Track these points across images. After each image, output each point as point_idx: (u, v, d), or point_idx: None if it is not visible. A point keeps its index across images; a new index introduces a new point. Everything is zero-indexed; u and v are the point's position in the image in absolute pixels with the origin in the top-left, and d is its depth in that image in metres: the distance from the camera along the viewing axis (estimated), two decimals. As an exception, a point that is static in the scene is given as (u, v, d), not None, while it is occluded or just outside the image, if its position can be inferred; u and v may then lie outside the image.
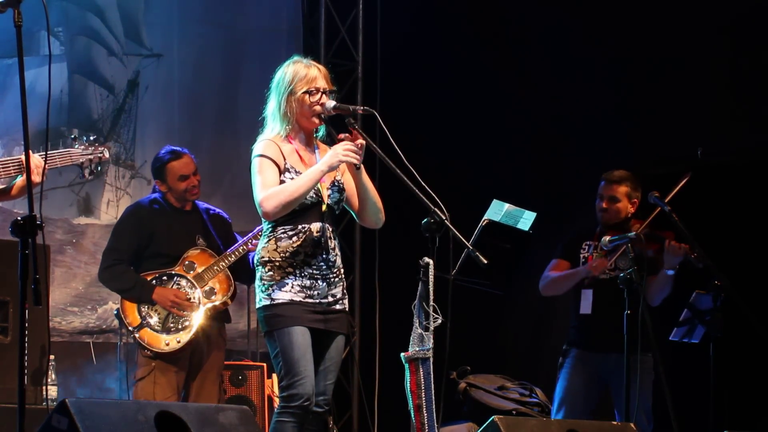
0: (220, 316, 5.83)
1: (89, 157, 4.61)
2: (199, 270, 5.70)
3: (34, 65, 6.90)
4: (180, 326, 5.62)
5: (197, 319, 5.64)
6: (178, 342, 5.60)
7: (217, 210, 5.98)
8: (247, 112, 7.35)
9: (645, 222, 5.66)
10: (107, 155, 4.68)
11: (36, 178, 4.29)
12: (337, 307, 4.44)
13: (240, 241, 5.79)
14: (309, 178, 4.30)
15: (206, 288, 5.69)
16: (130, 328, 5.64)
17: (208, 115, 7.94)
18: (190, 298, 5.65)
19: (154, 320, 5.62)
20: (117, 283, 5.73)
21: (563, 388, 5.82)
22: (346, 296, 4.51)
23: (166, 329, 5.61)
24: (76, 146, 4.58)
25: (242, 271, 5.82)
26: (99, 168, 4.66)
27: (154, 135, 7.74)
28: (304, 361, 4.28)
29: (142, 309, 5.64)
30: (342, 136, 4.35)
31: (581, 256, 5.84)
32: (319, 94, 4.41)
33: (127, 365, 6.12)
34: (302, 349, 4.29)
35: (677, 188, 5.64)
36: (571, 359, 5.81)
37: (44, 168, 4.04)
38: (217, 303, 5.70)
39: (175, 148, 5.86)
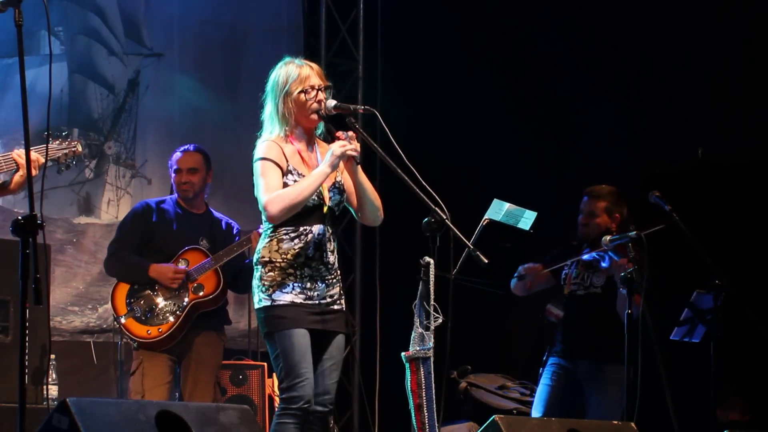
0: (218, 318, 5.87)
1: (64, 151, 4.68)
2: (191, 267, 5.74)
3: (34, 65, 6.91)
4: (163, 317, 5.67)
5: (181, 311, 5.68)
6: (160, 331, 5.66)
7: (231, 221, 6.03)
8: (248, 111, 7.33)
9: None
10: (80, 149, 4.74)
11: (32, 171, 4.35)
12: (335, 307, 4.44)
13: (234, 243, 5.83)
14: (313, 180, 4.31)
15: (195, 284, 5.73)
16: (115, 315, 5.73)
17: (209, 115, 7.94)
18: (185, 270, 5.71)
19: (139, 310, 5.67)
20: (117, 267, 5.80)
21: (541, 392, 5.87)
22: (343, 296, 4.52)
23: (149, 320, 5.66)
24: (50, 142, 4.63)
25: (242, 280, 5.87)
26: (74, 162, 4.73)
27: (154, 134, 7.74)
28: (304, 363, 4.29)
29: (131, 299, 5.69)
30: (339, 134, 4.36)
31: (563, 273, 5.87)
32: (315, 91, 4.42)
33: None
34: (302, 352, 4.29)
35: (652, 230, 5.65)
36: (549, 365, 5.88)
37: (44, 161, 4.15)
38: (205, 299, 5.73)
39: (190, 146, 5.96)
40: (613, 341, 5.47)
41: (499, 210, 5.45)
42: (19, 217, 3.44)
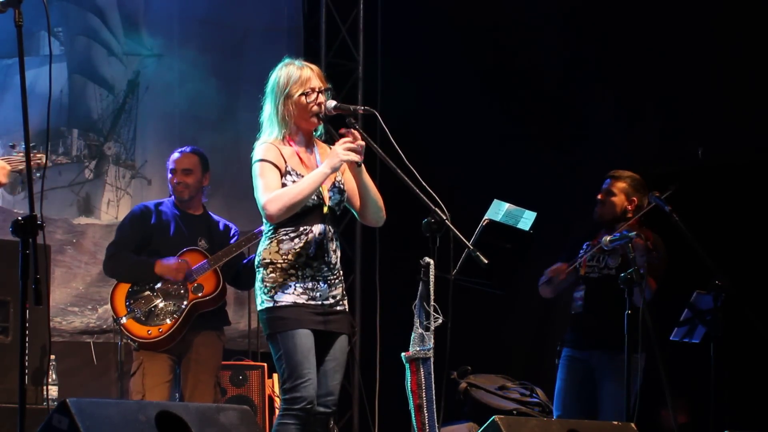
0: (217, 318, 5.87)
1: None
2: (190, 267, 5.74)
3: (34, 65, 6.90)
4: (163, 317, 5.68)
5: (181, 311, 5.68)
6: (160, 331, 5.67)
7: (229, 223, 6.04)
8: (248, 112, 7.34)
9: (633, 219, 5.67)
10: (44, 161, 4.69)
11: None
12: (338, 308, 4.44)
13: (232, 242, 5.84)
14: (312, 180, 4.30)
15: (194, 285, 5.73)
16: (115, 317, 5.73)
17: (208, 115, 7.94)
18: (187, 263, 5.72)
19: (139, 311, 5.68)
20: (119, 268, 5.80)
21: (558, 389, 5.88)
22: (346, 297, 4.52)
23: (149, 320, 5.67)
24: (14, 154, 4.60)
25: (243, 277, 5.88)
26: (38, 174, 4.69)
27: (154, 135, 7.74)
28: (307, 363, 4.28)
29: (130, 300, 5.69)
30: (343, 131, 4.35)
31: (578, 256, 5.86)
32: (315, 93, 4.41)
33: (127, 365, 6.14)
34: (305, 352, 4.29)
35: (645, 210, 5.67)
36: (563, 359, 5.87)
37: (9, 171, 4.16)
38: (205, 299, 5.73)
39: (187, 148, 5.98)
40: (633, 329, 5.43)
41: (498, 210, 5.45)
42: (19, 218, 3.44)
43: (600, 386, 5.73)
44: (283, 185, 4.35)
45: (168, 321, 5.68)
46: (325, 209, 4.40)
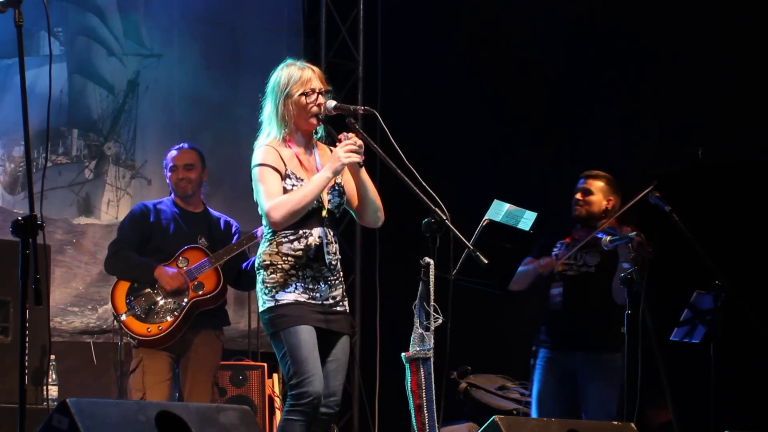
0: (217, 318, 5.88)
1: None
2: (191, 265, 5.74)
3: (33, 65, 6.90)
4: (163, 315, 5.68)
5: (181, 309, 5.69)
6: (160, 329, 5.67)
7: (229, 219, 6.04)
8: (248, 112, 7.34)
9: (621, 210, 5.67)
10: None
11: None
12: (338, 308, 4.44)
13: (233, 242, 5.85)
14: (315, 185, 4.30)
15: (195, 283, 5.74)
16: (115, 313, 5.74)
17: (208, 116, 7.94)
18: (184, 276, 5.72)
19: (139, 309, 5.68)
20: (120, 267, 5.81)
21: (537, 391, 5.81)
22: (346, 298, 4.51)
23: (149, 318, 5.68)
24: None
25: (243, 279, 5.89)
26: None
27: (154, 135, 7.74)
28: (312, 359, 4.28)
29: (131, 298, 5.70)
30: (342, 136, 4.35)
31: (552, 254, 5.84)
32: (315, 94, 4.41)
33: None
34: (310, 348, 4.28)
35: (637, 198, 5.65)
36: (541, 360, 5.81)
37: None
38: (205, 297, 5.73)
39: (184, 144, 5.99)
40: (606, 327, 5.44)
41: (499, 211, 5.45)
42: (19, 218, 3.44)
43: (583, 386, 5.68)
44: (283, 189, 4.34)
45: (168, 318, 5.69)
46: (324, 212, 4.40)
